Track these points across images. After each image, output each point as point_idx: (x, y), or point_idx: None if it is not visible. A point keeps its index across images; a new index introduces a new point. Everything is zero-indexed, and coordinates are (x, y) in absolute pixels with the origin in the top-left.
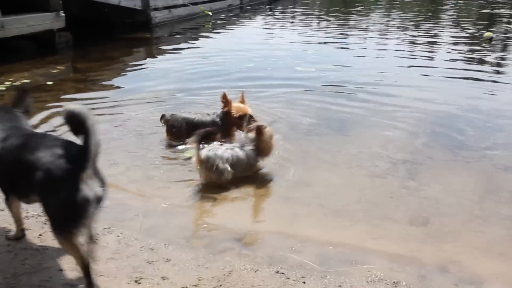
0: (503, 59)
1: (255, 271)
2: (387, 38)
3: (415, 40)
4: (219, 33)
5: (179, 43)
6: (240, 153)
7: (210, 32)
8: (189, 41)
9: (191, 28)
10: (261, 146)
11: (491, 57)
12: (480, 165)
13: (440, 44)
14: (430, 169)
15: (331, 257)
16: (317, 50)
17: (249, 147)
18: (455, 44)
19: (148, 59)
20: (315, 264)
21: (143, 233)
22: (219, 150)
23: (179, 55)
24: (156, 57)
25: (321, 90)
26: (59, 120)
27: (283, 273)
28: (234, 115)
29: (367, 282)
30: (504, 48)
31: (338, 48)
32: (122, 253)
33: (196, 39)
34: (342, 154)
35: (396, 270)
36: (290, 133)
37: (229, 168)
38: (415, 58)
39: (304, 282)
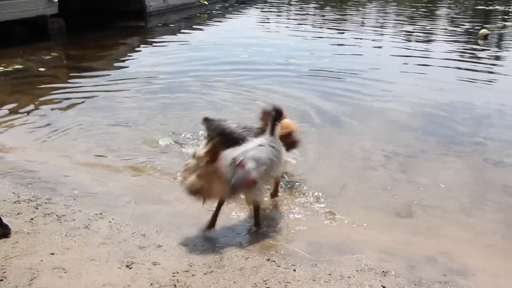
0: (497, 56)
1: (246, 259)
2: (382, 33)
3: (410, 35)
4: (214, 24)
5: (174, 33)
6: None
7: (205, 22)
8: (183, 31)
9: (186, 18)
10: None
11: (486, 54)
12: (471, 159)
13: (435, 40)
14: (422, 162)
15: (321, 246)
16: (312, 43)
17: None
18: (450, 40)
19: (141, 47)
20: (305, 252)
21: (134, 219)
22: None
23: (173, 44)
24: (150, 46)
25: (314, 84)
26: (48, 107)
27: (273, 261)
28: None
29: (357, 271)
30: (499, 45)
31: (332, 41)
32: (113, 238)
33: (191, 29)
34: (335, 146)
35: (385, 260)
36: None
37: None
38: (410, 54)
39: (294, 270)
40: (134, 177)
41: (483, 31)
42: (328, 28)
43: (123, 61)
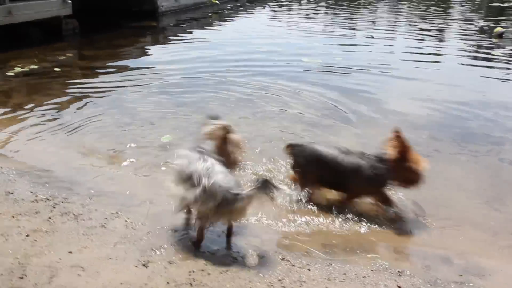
0: None
1: (261, 258)
2: (394, 32)
3: (424, 33)
4: (225, 23)
5: (185, 32)
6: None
7: (217, 22)
8: (195, 31)
9: (197, 17)
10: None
11: (501, 52)
12: (486, 159)
13: (449, 38)
14: (437, 162)
15: (335, 246)
16: (324, 43)
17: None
18: (464, 38)
19: (154, 47)
20: (320, 252)
21: (150, 219)
22: None
23: (185, 43)
24: (162, 45)
25: (327, 82)
26: (64, 107)
27: (288, 260)
28: (410, 167)
29: (372, 270)
30: None
31: (344, 41)
32: (129, 237)
33: (202, 28)
34: (346, 145)
35: (400, 260)
36: (295, 125)
37: None
38: (423, 52)
39: (309, 270)
40: (149, 176)
41: (498, 29)
42: (339, 27)
43: (137, 60)
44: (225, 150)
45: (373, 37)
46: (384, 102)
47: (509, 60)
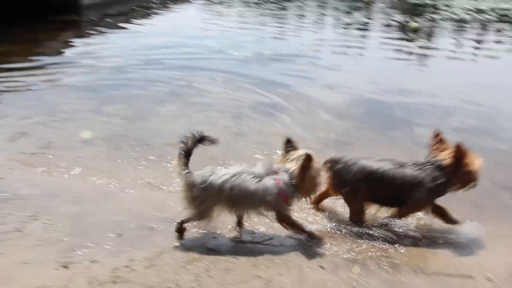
0: (426, 46)
1: (187, 251)
2: (322, 27)
3: (346, 28)
4: (152, 17)
5: (110, 27)
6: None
7: (143, 16)
8: (120, 25)
9: (123, 11)
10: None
11: (416, 44)
12: (403, 143)
13: (371, 32)
14: (358, 148)
15: None
16: (253, 36)
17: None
18: (385, 32)
19: (76, 41)
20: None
21: (71, 219)
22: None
23: (109, 38)
24: (84, 40)
25: (255, 76)
26: None
27: (213, 250)
28: (468, 170)
29: None
30: (428, 37)
31: (274, 35)
32: (49, 239)
33: (128, 22)
34: (268, 133)
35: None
36: (221, 116)
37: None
38: (348, 45)
39: (236, 259)
40: (69, 175)
41: (412, 23)
42: (269, 21)
43: (56, 55)
44: (304, 178)
45: (302, 26)
46: (307, 92)
47: (423, 53)
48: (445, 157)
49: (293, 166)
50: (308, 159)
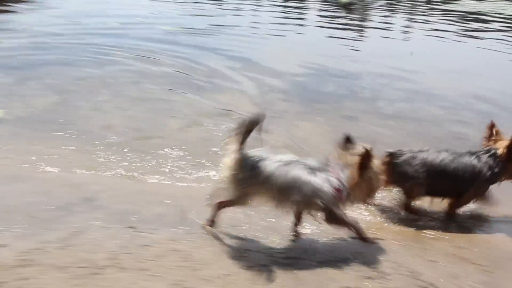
0: (361, 25)
1: (105, 228)
2: (260, 5)
3: (286, 5)
4: None
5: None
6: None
7: None
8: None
9: None
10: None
11: (349, 21)
12: (329, 115)
13: (308, 10)
14: (285, 121)
15: None
16: (188, 12)
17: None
18: (321, 9)
19: None
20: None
21: None
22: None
23: (25, 15)
24: (2, 14)
25: (182, 51)
26: None
27: (131, 227)
28: None
29: None
30: (361, 13)
31: (211, 12)
32: None
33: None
34: (200, 107)
35: None
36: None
37: None
38: (287, 22)
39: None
40: None
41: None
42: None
43: None
44: (363, 178)
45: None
46: (237, 69)
47: (358, 29)
48: (499, 146)
49: (351, 163)
50: (367, 156)
